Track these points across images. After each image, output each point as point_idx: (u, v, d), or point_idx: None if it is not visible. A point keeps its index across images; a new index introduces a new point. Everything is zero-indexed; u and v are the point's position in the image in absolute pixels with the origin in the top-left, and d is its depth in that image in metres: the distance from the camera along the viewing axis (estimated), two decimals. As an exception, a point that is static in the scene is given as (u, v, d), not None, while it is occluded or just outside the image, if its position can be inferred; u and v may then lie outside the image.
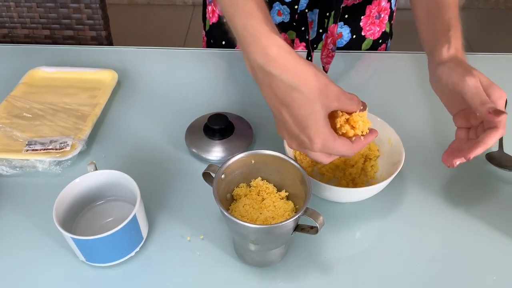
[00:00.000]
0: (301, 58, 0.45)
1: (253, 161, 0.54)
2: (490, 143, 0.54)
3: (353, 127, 0.49)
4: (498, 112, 0.52)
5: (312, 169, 0.64)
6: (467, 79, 0.54)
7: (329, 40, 0.76)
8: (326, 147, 0.47)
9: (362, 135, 0.50)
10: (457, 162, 0.55)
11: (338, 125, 0.49)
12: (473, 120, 0.59)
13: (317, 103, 0.45)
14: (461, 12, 0.63)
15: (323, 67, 0.79)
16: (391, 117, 0.66)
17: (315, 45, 0.87)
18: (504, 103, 0.54)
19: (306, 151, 0.49)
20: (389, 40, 0.96)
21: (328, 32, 0.76)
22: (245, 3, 0.46)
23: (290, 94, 0.44)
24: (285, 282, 0.53)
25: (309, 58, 0.80)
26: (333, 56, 0.77)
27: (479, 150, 0.54)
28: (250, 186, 0.55)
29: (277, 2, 0.86)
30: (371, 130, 0.51)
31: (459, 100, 0.57)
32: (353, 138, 0.49)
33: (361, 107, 0.49)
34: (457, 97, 0.57)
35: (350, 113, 0.48)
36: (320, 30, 0.83)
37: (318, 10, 0.75)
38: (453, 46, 0.60)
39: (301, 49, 0.91)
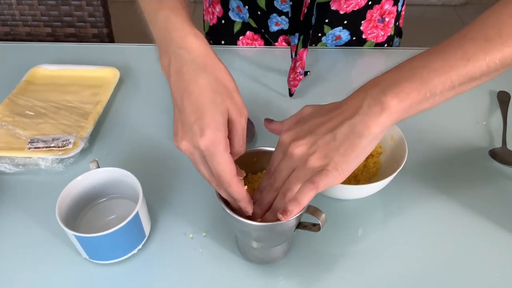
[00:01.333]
0: (216, 55, 0.45)
1: (255, 159, 0.54)
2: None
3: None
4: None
5: None
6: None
7: (297, 64, 0.74)
8: (213, 148, 0.42)
9: None
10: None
11: None
12: None
13: (219, 96, 0.43)
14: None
15: (289, 89, 0.77)
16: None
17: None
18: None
19: (194, 157, 0.45)
20: (397, 40, 0.94)
21: (297, 56, 0.73)
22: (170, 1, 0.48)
23: (196, 78, 0.43)
24: (287, 279, 0.53)
25: None
26: (300, 79, 0.75)
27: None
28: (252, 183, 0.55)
29: (274, 14, 0.85)
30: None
31: None
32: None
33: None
34: None
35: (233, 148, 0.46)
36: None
37: (298, 34, 0.74)
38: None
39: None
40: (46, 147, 0.66)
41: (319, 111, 0.47)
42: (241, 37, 0.92)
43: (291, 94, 0.77)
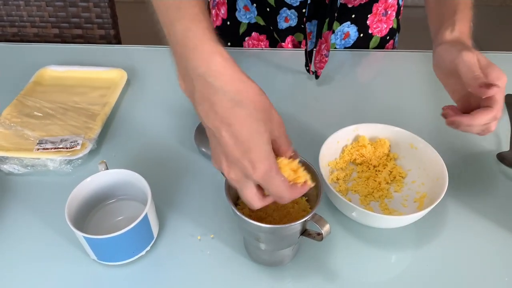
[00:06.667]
0: (245, 74, 0.41)
1: None
2: (478, 120, 0.53)
3: (295, 172, 0.45)
4: (489, 85, 0.51)
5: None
6: (464, 54, 0.54)
7: (323, 46, 0.75)
8: (268, 177, 0.41)
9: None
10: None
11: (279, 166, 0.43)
12: (474, 104, 0.57)
13: (261, 124, 0.40)
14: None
15: (315, 71, 0.79)
16: (398, 117, 0.66)
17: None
18: (503, 85, 0.53)
19: (242, 184, 0.43)
20: (397, 34, 0.95)
21: (322, 38, 0.75)
22: (190, 6, 0.42)
23: (232, 110, 0.39)
24: (295, 281, 0.53)
25: (307, 67, 0.80)
26: (326, 61, 0.77)
27: (464, 120, 0.54)
28: None
29: (284, 8, 0.85)
30: (306, 182, 0.45)
31: (459, 83, 0.56)
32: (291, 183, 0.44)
33: (292, 153, 0.45)
34: (456, 79, 0.56)
35: (280, 155, 0.44)
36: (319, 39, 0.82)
37: (317, 21, 0.75)
38: (457, 29, 0.59)
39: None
40: (55, 148, 0.66)
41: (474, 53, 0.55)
42: (246, 38, 0.92)
43: (317, 77, 0.79)
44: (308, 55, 0.78)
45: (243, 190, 0.43)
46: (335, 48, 0.91)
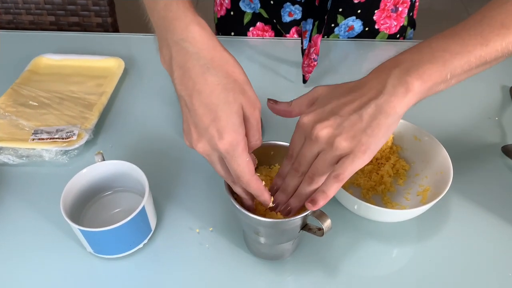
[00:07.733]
0: (221, 44, 0.42)
1: (272, 153, 0.52)
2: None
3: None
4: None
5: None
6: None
7: (312, 50, 0.72)
8: (232, 150, 0.41)
9: None
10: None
11: None
12: None
13: (231, 94, 0.40)
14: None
15: (303, 75, 0.76)
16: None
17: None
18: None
19: (210, 158, 0.43)
20: (411, 31, 0.92)
21: (312, 42, 0.72)
22: None
23: (204, 76, 0.40)
24: (295, 275, 0.52)
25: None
26: (314, 65, 0.74)
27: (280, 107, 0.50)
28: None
29: (288, 3, 0.83)
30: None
31: None
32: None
33: (256, 142, 0.45)
34: None
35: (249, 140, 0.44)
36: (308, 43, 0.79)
37: (312, 20, 0.72)
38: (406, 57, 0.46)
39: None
40: (50, 139, 0.64)
41: (336, 92, 0.45)
42: (251, 28, 0.91)
43: (304, 81, 0.76)
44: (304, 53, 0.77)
45: (214, 164, 0.44)
46: (338, 38, 0.89)
